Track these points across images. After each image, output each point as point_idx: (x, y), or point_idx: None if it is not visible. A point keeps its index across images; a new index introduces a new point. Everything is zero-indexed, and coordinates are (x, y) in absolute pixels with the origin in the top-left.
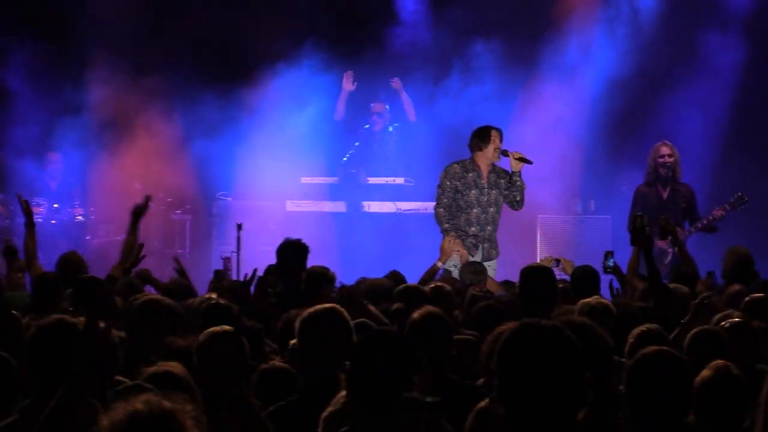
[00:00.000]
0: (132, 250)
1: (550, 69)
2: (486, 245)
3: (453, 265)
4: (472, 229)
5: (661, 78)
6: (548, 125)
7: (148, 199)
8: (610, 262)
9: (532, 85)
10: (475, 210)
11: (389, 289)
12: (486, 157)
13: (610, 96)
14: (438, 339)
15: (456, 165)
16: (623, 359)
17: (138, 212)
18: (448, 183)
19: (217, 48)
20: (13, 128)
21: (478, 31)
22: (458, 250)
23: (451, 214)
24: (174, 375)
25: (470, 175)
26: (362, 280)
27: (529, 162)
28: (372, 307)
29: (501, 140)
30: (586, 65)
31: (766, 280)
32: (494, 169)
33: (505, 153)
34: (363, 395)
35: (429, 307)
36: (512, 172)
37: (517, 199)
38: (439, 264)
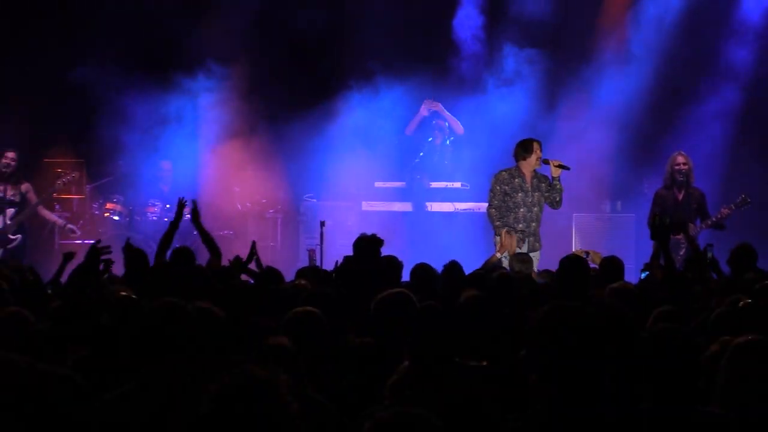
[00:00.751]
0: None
1: (584, 83)
2: (531, 239)
3: (503, 257)
4: (519, 225)
5: (681, 88)
6: (582, 134)
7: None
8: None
9: (569, 98)
10: (521, 210)
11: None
12: (529, 164)
13: (634, 108)
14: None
15: (504, 172)
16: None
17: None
18: (498, 187)
19: (308, 71)
20: (132, 139)
21: (521, 49)
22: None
23: (501, 214)
24: (285, 347)
25: (516, 180)
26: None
27: (567, 168)
28: None
29: (541, 150)
30: (613, 78)
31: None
32: (536, 174)
33: (546, 161)
34: (421, 362)
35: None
36: (552, 177)
37: (557, 200)
38: (498, 255)
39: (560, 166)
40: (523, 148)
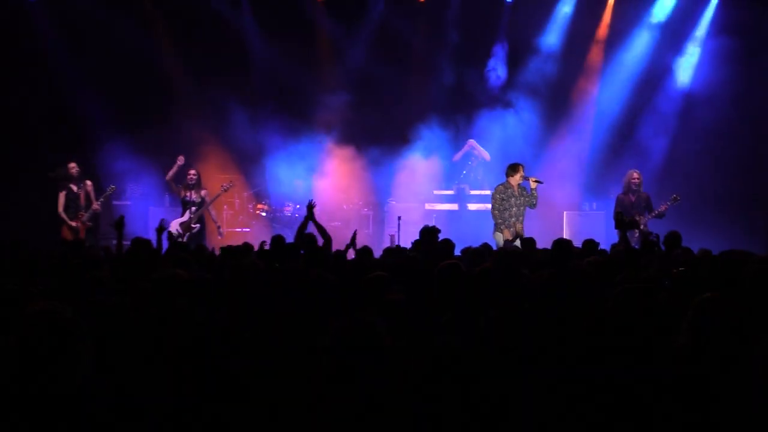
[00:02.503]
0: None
1: (568, 120)
2: (518, 227)
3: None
4: (512, 220)
5: (634, 124)
6: (569, 154)
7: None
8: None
9: (563, 121)
10: (513, 210)
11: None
12: (515, 180)
13: (602, 138)
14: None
15: (501, 186)
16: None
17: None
18: (498, 196)
19: (384, 117)
20: (273, 161)
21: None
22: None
23: (501, 215)
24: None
25: (509, 191)
26: (467, 248)
27: (541, 182)
28: None
29: (524, 170)
30: (593, 104)
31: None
32: (519, 186)
33: (526, 178)
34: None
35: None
36: (531, 189)
37: (534, 204)
38: (508, 238)
39: (536, 182)
40: (512, 169)
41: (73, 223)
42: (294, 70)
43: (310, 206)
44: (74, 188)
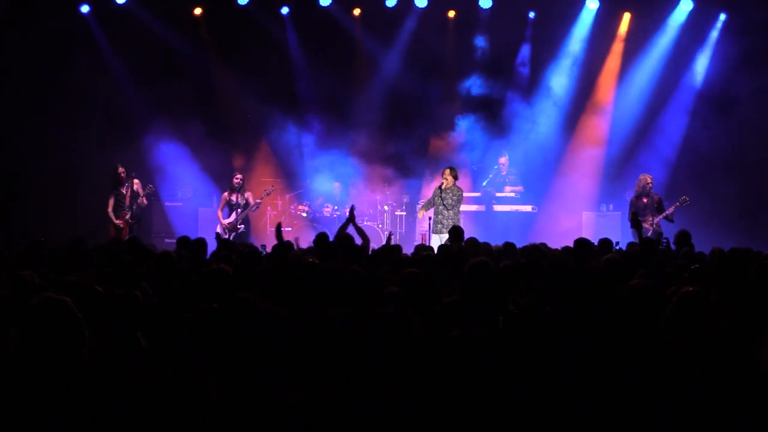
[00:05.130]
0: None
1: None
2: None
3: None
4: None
5: (647, 131)
6: (588, 159)
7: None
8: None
9: (582, 125)
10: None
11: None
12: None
13: (620, 143)
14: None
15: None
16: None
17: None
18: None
19: (409, 130)
20: (312, 166)
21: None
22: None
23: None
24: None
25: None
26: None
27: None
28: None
29: (451, 176)
30: (600, 127)
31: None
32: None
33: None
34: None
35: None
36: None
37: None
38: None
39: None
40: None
41: (117, 222)
42: (333, 80)
43: (351, 210)
44: (122, 190)
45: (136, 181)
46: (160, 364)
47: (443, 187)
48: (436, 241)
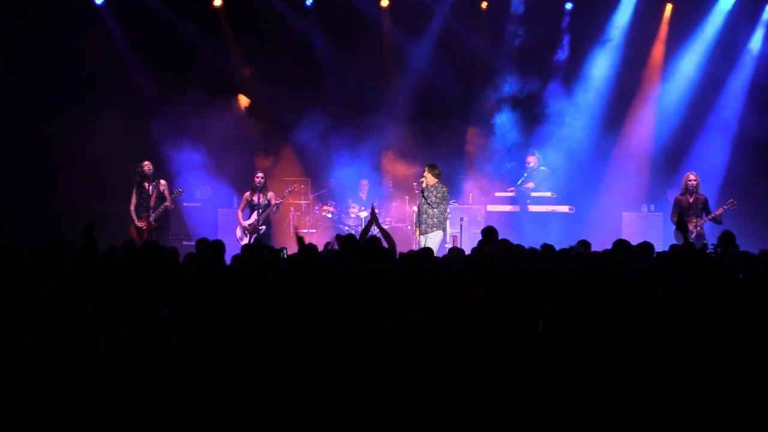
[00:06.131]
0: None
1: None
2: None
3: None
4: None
5: (692, 129)
6: (629, 157)
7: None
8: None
9: (623, 123)
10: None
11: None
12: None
13: (661, 141)
14: None
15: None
16: None
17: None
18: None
19: (444, 117)
20: (338, 162)
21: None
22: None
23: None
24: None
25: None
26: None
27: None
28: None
29: (428, 173)
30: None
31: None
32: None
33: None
34: None
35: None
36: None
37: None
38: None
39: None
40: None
41: (139, 223)
42: (360, 75)
43: (373, 210)
44: (147, 186)
45: (162, 182)
46: None
47: (423, 186)
48: (422, 242)
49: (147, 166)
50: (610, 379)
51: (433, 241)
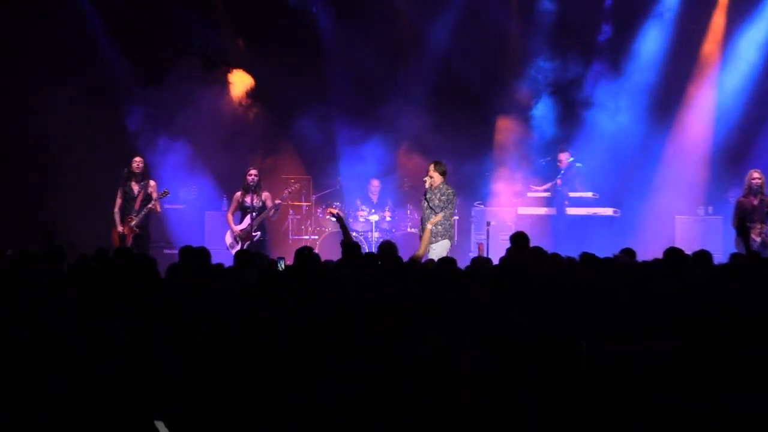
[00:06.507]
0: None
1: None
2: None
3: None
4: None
5: (757, 120)
6: (681, 154)
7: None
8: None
9: (676, 117)
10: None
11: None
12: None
13: (720, 135)
14: None
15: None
16: None
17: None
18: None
19: (468, 104)
20: (348, 160)
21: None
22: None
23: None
24: None
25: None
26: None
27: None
28: None
29: (432, 170)
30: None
31: None
32: (430, 189)
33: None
34: None
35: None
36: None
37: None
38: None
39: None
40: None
41: (120, 228)
42: (371, 58)
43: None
44: (134, 187)
45: (152, 182)
46: None
47: (427, 186)
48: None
49: (137, 163)
50: (661, 410)
51: (436, 252)
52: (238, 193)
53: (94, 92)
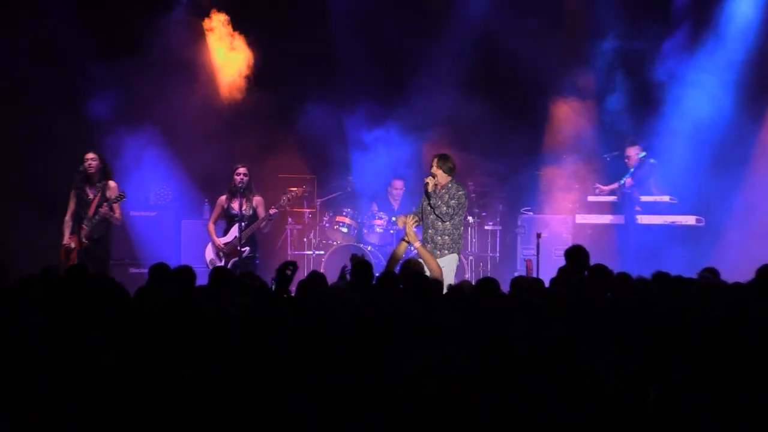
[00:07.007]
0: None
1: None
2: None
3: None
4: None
5: None
6: None
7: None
8: None
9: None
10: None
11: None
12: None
13: None
14: None
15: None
16: None
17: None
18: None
19: (514, 86)
20: (361, 157)
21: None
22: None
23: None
24: None
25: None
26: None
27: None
28: None
29: (434, 165)
30: None
31: None
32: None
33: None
34: None
35: None
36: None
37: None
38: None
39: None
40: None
41: (66, 240)
42: (392, 28)
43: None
44: (89, 191)
45: (111, 184)
46: None
47: (431, 188)
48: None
49: (90, 161)
50: None
51: (444, 269)
52: (223, 197)
53: (37, 65)
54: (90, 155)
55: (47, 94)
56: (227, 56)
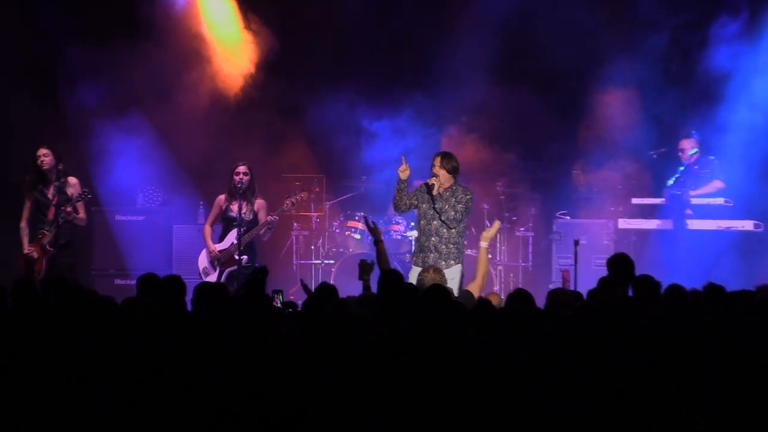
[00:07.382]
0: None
1: None
2: (433, 255)
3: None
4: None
5: None
6: None
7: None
8: None
9: None
10: (421, 222)
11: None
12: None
13: None
14: None
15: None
16: None
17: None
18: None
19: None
20: (375, 155)
21: None
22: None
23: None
24: None
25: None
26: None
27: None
28: None
29: (437, 164)
30: None
31: None
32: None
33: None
34: None
35: None
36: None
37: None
38: None
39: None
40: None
41: (27, 249)
42: (410, 12)
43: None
44: (47, 191)
45: (72, 180)
46: None
47: (435, 190)
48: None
49: (43, 158)
50: None
51: (450, 282)
52: (222, 197)
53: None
54: (42, 150)
55: (20, 80)
56: (229, 38)
